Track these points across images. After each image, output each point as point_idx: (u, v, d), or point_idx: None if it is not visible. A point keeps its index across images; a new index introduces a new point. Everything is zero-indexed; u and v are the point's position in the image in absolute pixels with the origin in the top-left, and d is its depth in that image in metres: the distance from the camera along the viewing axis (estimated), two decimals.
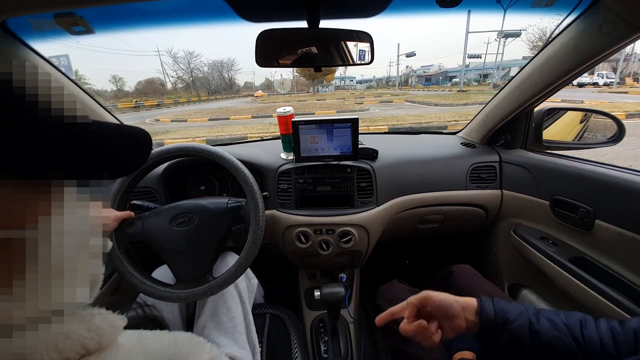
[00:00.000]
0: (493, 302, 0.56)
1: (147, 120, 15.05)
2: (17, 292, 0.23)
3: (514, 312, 0.54)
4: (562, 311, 0.56)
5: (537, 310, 0.55)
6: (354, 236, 1.04)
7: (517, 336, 0.52)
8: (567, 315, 0.54)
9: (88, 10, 0.67)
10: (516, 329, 0.52)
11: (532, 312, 0.54)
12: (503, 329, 0.53)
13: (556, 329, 0.52)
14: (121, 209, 0.79)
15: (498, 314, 0.54)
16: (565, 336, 0.51)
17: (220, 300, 0.82)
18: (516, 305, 0.56)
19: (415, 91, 35.99)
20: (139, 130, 0.33)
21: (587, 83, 24.23)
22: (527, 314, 0.54)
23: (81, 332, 0.26)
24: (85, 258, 0.28)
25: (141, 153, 0.34)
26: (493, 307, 0.55)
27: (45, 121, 0.23)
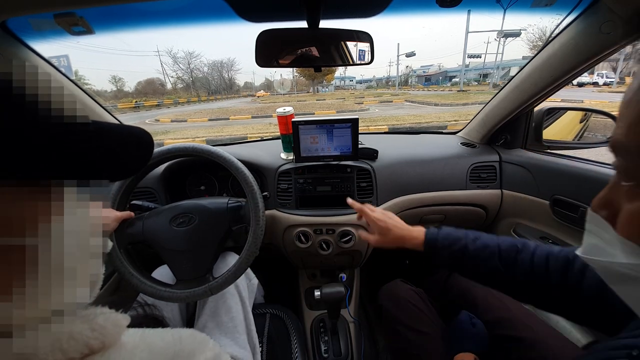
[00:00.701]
0: (438, 230, 0.68)
1: (147, 121, 15.05)
2: (17, 297, 0.23)
3: (452, 238, 0.64)
4: (509, 238, 0.62)
5: (480, 236, 0.63)
6: (354, 236, 1.04)
7: (454, 257, 0.62)
8: (508, 241, 0.60)
9: (88, 10, 0.67)
10: (453, 251, 0.62)
11: (471, 238, 0.63)
12: (442, 250, 0.63)
13: (489, 252, 0.59)
14: (121, 209, 0.79)
15: (440, 238, 0.65)
16: (493, 259, 0.58)
17: (221, 300, 0.82)
18: (459, 231, 0.66)
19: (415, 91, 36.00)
20: (140, 130, 0.33)
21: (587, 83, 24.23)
22: (464, 240, 0.62)
23: (85, 332, 0.26)
24: (86, 258, 0.28)
25: (142, 154, 0.33)
26: (437, 233, 0.67)
27: (45, 121, 0.23)
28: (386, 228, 0.72)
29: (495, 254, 0.59)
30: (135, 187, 0.83)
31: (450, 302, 0.87)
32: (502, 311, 0.76)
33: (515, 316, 0.74)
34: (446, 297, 0.89)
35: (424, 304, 0.82)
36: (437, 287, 0.94)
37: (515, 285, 0.57)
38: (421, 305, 0.81)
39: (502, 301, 0.79)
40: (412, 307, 0.80)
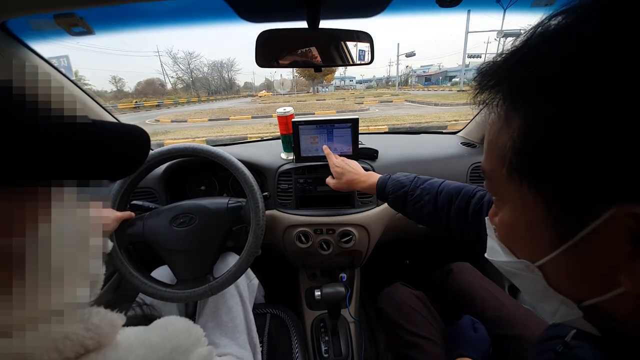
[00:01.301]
0: (389, 177, 0.76)
1: (147, 121, 15.05)
2: (17, 296, 0.23)
3: (396, 186, 0.73)
4: (455, 183, 0.68)
5: (424, 182, 0.71)
6: (354, 236, 1.04)
7: (399, 201, 0.72)
8: (447, 189, 0.67)
9: (88, 10, 0.67)
10: (397, 196, 0.72)
11: (415, 185, 0.71)
12: (389, 194, 0.74)
13: (427, 201, 0.68)
14: (121, 210, 0.79)
15: (388, 184, 0.74)
16: (431, 207, 0.67)
17: (221, 300, 0.82)
18: (406, 179, 0.73)
19: (415, 91, 35.98)
20: (136, 128, 0.33)
21: None
22: (408, 186, 0.71)
23: (80, 332, 0.26)
24: (86, 258, 0.28)
25: (139, 152, 0.33)
26: (387, 179, 0.76)
27: (45, 122, 0.23)
28: (341, 172, 0.84)
29: (432, 201, 0.67)
30: (135, 187, 0.84)
31: (450, 301, 0.87)
32: (500, 310, 0.76)
33: (514, 315, 0.74)
34: (446, 296, 0.89)
35: (424, 308, 0.82)
36: (437, 287, 0.94)
37: (445, 228, 0.67)
38: (422, 309, 0.81)
39: (501, 300, 0.79)
40: (412, 311, 0.80)
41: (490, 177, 0.31)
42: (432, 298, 0.88)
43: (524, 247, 0.29)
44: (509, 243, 0.31)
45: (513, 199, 0.28)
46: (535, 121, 0.23)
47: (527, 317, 0.73)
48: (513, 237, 0.30)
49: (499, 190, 0.31)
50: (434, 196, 0.67)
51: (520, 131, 0.24)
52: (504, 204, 0.30)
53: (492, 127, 0.29)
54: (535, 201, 0.25)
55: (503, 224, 0.31)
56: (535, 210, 0.25)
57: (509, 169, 0.26)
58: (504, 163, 0.27)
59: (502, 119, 0.27)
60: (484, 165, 0.32)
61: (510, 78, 0.25)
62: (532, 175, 0.24)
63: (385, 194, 0.75)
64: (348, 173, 0.83)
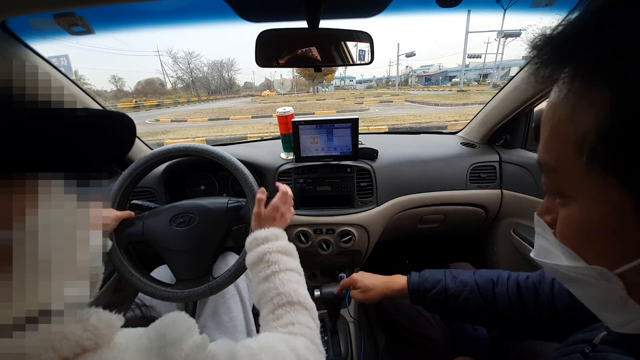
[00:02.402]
0: (420, 274, 0.69)
1: (147, 121, 15.05)
2: (3, 291, 0.23)
3: (432, 281, 0.65)
4: (482, 271, 0.64)
5: (459, 274, 0.64)
6: (354, 236, 1.04)
7: (438, 300, 0.63)
8: (483, 275, 0.62)
9: (88, 10, 0.67)
10: (435, 294, 0.63)
11: (450, 278, 0.64)
12: (425, 295, 0.64)
13: (469, 290, 0.61)
14: (121, 209, 0.79)
15: (421, 284, 0.66)
16: (476, 296, 0.60)
17: (221, 300, 0.82)
18: (439, 273, 0.67)
19: (415, 91, 36.00)
20: (120, 114, 0.32)
21: None
22: (444, 281, 0.64)
23: (78, 332, 0.26)
24: (78, 254, 0.28)
25: (125, 137, 0.33)
26: (418, 279, 0.68)
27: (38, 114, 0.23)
28: (366, 287, 0.74)
29: (475, 290, 0.60)
30: (135, 186, 0.83)
31: None
32: None
33: None
34: None
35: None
36: None
37: (500, 320, 0.58)
38: (421, 308, 0.81)
39: None
40: (412, 310, 0.80)
41: (555, 170, 0.26)
42: None
43: (600, 251, 0.25)
44: (576, 246, 0.26)
45: (587, 195, 0.24)
46: (629, 96, 0.19)
47: None
48: (584, 239, 0.25)
49: (566, 185, 0.25)
50: (474, 286, 0.60)
51: (607, 111, 0.20)
52: (571, 200, 0.25)
53: (558, 108, 0.24)
54: (622, 198, 0.21)
55: (569, 223, 0.26)
56: (620, 208, 0.21)
57: (589, 159, 0.22)
58: (580, 152, 0.22)
59: (577, 97, 0.22)
60: (544, 157, 0.26)
61: (589, 47, 0.21)
62: (622, 165, 0.20)
63: (421, 292, 0.65)
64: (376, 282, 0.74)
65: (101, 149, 0.30)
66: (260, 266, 0.56)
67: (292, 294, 0.51)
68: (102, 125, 0.30)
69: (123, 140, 0.32)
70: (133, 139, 0.33)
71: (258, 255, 0.57)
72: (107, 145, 0.31)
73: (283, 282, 0.53)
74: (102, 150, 0.30)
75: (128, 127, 0.33)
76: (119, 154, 0.32)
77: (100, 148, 0.30)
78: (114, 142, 0.32)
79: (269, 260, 0.56)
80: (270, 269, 0.55)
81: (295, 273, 0.57)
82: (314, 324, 0.51)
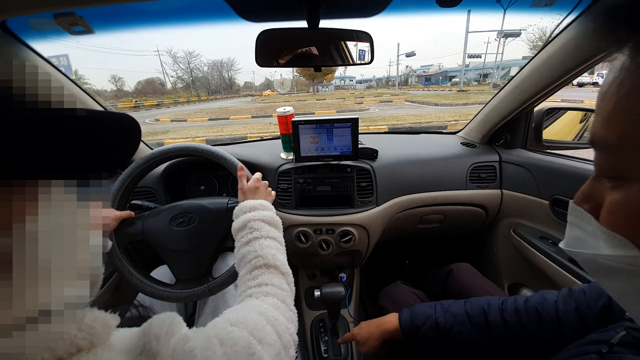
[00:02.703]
0: (410, 311, 0.65)
1: (147, 120, 15.04)
2: (3, 294, 0.23)
3: (421, 317, 0.62)
4: (473, 299, 0.61)
5: (448, 306, 0.61)
6: (354, 236, 1.04)
7: (430, 337, 0.60)
8: (473, 304, 0.59)
9: (88, 10, 0.67)
10: (426, 330, 0.60)
11: (440, 311, 0.61)
12: (417, 332, 0.61)
13: (460, 322, 0.58)
14: (121, 209, 0.79)
15: (412, 321, 0.63)
16: (468, 328, 0.57)
17: (221, 300, 0.82)
18: (429, 307, 0.63)
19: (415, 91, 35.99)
20: (125, 116, 0.32)
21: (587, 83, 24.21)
22: (433, 315, 0.60)
23: (72, 332, 0.26)
24: (80, 256, 0.28)
25: (131, 141, 0.32)
26: (409, 316, 0.64)
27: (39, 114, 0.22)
28: (366, 336, 0.73)
29: (466, 321, 0.57)
30: (135, 186, 0.83)
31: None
32: None
33: None
34: (445, 297, 0.89)
35: None
36: (437, 287, 0.94)
37: (500, 350, 0.55)
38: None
39: None
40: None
41: (615, 148, 0.24)
42: (432, 298, 0.88)
43: None
44: (630, 231, 0.24)
45: None
46: None
47: None
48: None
49: (626, 165, 0.23)
50: (464, 317, 0.58)
51: None
52: (628, 182, 0.24)
53: (625, 82, 0.22)
54: None
55: (623, 207, 0.24)
56: None
57: None
58: None
59: None
60: (602, 133, 0.25)
61: None
62: None
63: (412, 329, 0.62)
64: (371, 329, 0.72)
65: (105, 154, 0.30)
66: (243, 232, 0.60)
67: (269, 258, 0.54)
68: (107, 128, 0.30)
69: (128, 144, 0.32)
70: (138, 143, 0.33)
71: (243, 222, 0.61)
72: (111, 149, 0.30)
73: (262, 247, 0.56)
74: (107, 154, 0.30)
75: (133, 131, 0.32)
76: (124, 158, 0.32)
77: (104, 152, 0.29)
78: (119, 146, 0.31)
79: (252, 227, 0.60)
80: (252, 235, 0.58)
81: (275, 241, 0.60)
82: (287, 287, 0.53)
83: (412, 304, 0.81)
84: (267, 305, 0.45)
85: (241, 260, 0.57)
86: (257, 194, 0.70)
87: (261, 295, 0.48)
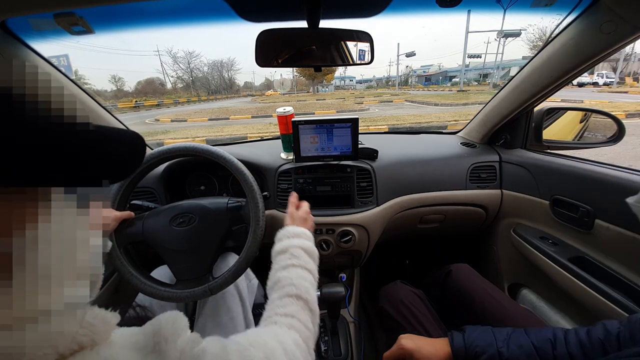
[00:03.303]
0: (464, 337, 0.60)
1: (147, 120, 15.04)
2: (2, 296, 0.23)
3: (482, 344, 0.57)
4: (534, 330, 0.58)
5: (509, 335, 0.57)
6: (354, 236, 1.04)
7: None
8: (538, 335, 0.56)
9: (88, 10, 0.67)
10: (490, 356, 0.55)
11: (502, 340, 0.57)
12: (480, 356, 0.56)
13: (526, 354, 0.54)
14: (121, 209, 0.79)
15: (468, 348, 0.58)
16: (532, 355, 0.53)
17: (221, 300, 0.82)
18: (486, 333, 0.59)
19: (415, 91, 35.98)
20: (133, 134, 0.32)
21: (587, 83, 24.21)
22: (495, 344, 0.57)
23: (74, 329, 0.26)
24: (85, 259, 0.28)
25: (135, 158, 0.32)
26: (463, 342, 0.59)
27: (44, 122, 0.22)
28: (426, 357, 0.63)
29: (534, 354, 0.54)
30: (135, 187, 0.83)
31: (449, 302, 0.87)
32: (500, 311, 0.76)
33: (514, 316, 0.74)
34: (445, 297, 0.89)
35: (423, 306, 0.82)
36: (436, 287, 0.94)
37: None
38: (421, 307, 0.81)
39: (500, 301, 0.79)
40: (412, 308, 0.80)
41: None
42: (432, 298, 0.88)
43: None
44: None
45: None
46: None
47: (526, 318, 0.73)
48: None
49: None
50: (531, 349, 0.54)
51: None
52: None
53: None
54: None
55: None
56: None
57: None
58: None
59: None
60: None
61: None
62: None
63: (469, 356, 0.58)
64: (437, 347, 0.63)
65: (110, 168, 0.30)
66: (283, 255, 0.61)
67: (302, 290, 0.54)
68: (114, 145, 0.30)
69: (133, 160, 0.32)
70: (142, 159, 0.33)
71: (285, 246, 0.62)
72: (116, 165, 0.30)
73: (298, 277, 0.56)
74: (111, 169, 0.30)
75: (139, 148, 0.32)
76: (127, 173, 0.32)
77: (109, 167, 0.30)
78: (124, 162, 0.31)
79: (292, 254, 0.60)
80: (291, 261, 0.59)
81: (311, 274, 0.60)
82: (312, 327, 0.52)
83: (413, 304, 0.81)
84: (289, 339, 0.44)
85: (275, 284, 0.57)
86: (304, 224, 0.72)
87: (284, 327, 0.47)
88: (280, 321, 0.48)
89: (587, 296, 0.78)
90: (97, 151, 0.28)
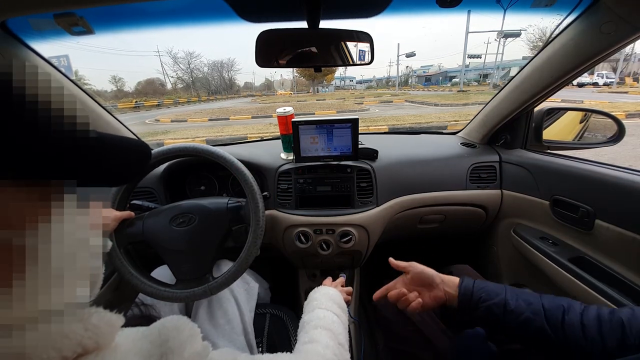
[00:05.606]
0: (474, 281, 0.61)
1: (147, 121, 15.04)
2: (17, 292, 0.23)
3: (491, 292, 0.58)
4: (550, 296, 0.58)
5: (521, 291, 0.58)
6: (354, 236, 1.04)
7: (492, 313, 0.56)
8: (553, 299, 0.56)
9: (88, 10, 0.67)
10: (491, 306, 0.56)
11: (512, 293, 0.58)
12: (478, 305, 0.57)
13: (532, 311, 0.54)
14: (121, 209, 0.79)
15: (476, 291, 0.59)
16: (540, 319, 0.53)
17: (217, 304, 0.82)
18: (499, 286, 0.60)
19: (415, 91, 35.97)
20: (139, 143, 0.33)
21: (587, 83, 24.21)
22: (504, 294, 0.57)
23: (78, 331, 0.26)
24: (86, 259, 0.28)
25: (140, 165, 0.33)
26: (472, 284, 0.60)
27: (44, 121, 0.23)
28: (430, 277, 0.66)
29: (541, 312, 0.53)
30: (135, 187, 0.84)
31: None
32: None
33: None
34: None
35: None
36: None
37: (566, 351, 0.52)
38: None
39: None
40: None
41: None
42: None
43: None
44: None
45: None
46: None
47: None
48: None
49: None
50: (540, 308, 0.54)
51: None
52: None
53: None
54: None
55: None
56: None
57: None
58: None
59: None
60: None
61: None
62: None
63: (474, 300, 0.59)
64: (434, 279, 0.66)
65: (115, 175, 0.31)
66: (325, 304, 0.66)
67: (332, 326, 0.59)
68: (121, 153, 0.31)
69: (138, 168, 0.33)
70: (147, 166, 0.34)
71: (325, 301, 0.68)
72: (122, 169, 0.31)
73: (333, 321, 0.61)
74: (116, 175, 0.31)
75: (145, 156, 0.33)
76: (131, 177, 0.33)
77: (114, 173, 0.30)
78: (130, 170, 0.32)
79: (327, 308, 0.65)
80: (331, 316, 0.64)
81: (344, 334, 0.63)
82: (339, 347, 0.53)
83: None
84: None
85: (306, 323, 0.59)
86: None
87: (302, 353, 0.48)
88: (299, 349, 0.49)
89: (587, 296, 0.78)
90: (107, 157, 0.28)
